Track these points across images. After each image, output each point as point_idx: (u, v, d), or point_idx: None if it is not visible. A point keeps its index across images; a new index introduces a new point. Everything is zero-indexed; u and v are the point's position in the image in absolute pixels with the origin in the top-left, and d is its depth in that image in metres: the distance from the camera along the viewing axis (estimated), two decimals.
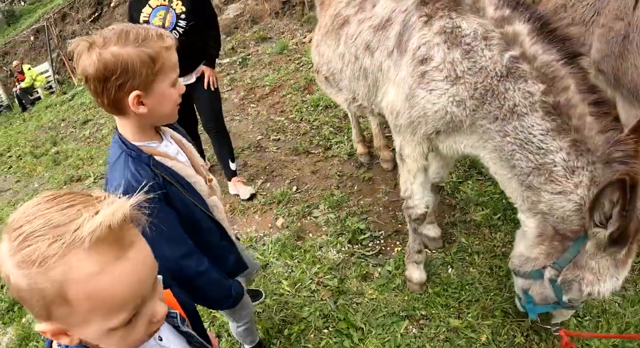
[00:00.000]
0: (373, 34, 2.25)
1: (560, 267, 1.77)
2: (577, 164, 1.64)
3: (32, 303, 0.73)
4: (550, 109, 1.65)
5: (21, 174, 7.51)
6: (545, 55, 1.67)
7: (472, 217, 3.22)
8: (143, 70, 1.31)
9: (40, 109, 12.29)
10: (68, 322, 0.76)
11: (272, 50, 7.63)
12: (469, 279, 2.73)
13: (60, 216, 0.72)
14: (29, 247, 0.69)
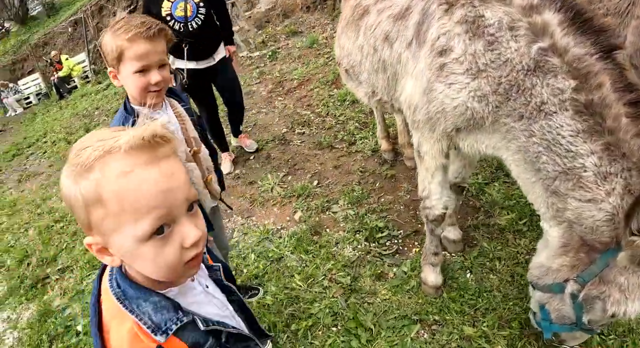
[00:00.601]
0: (392, 24, 2.14)
1: (585, 282, 1.61)
2: (610, 169, 1.48)
3: (77, 209, 0.83)
4: (581, 108, 1.50)
5: (55, 159, 7.76)
6: (577, 48, 1.51)
7: (496, 220, 3.09)
8: (109, 54, 1.71)
9: (76, 97, 12.71)
10: (104, 228, 0.83)
11: (301, 44, 7.60)
12: (487, 286, 2.61)
13: (107, 134, 0.85)
14: (79, 155, 0.81)
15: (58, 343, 3.30)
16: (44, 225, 5.25)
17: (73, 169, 0.82)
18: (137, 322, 0.90)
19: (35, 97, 16.19)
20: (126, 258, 0.88)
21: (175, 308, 0.95)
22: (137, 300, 0.92)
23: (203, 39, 3.91)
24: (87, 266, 4.08)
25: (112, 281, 0.96)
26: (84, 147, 0.82)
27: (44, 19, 22.04)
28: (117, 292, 0.93)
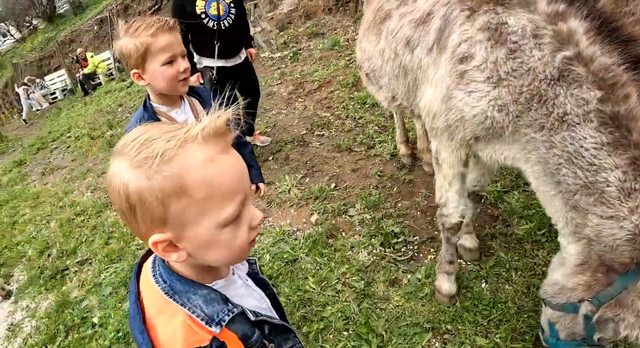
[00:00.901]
0: (414, 29, 2.11)
1: (600, 303, 1.54)
2: (635, 185, 1.41)
3: (149, 205, 0.79)
4: (607, 120, 1.43)
5: (78, 154, 7.94)
6: (604, 57, 1.45)
7: (514, 230, 3.03)
8: (132, 55, 1.76)
9: (100, 94, 12.99)
10: (183, 219, 0.82)
11: (323, 46, 7.62)
12: (502, 297, 2.56)
13: (169, 128, 0.83)
14: (148, 147, 0.78)
15: (74, 333, 3.38)
16: (65, 218, 5.37)
17: (142, 164, 0.78)
18: (190, 315, 0.90)
19: (61, 92, 16.63)
20: (200, 249, 0.87)
21: (225, 301, 0.95)
22: (186, 293, 0.92)
23: (233, 37, 4.17)
24: (105, 260, 4.16)
25: (157, 277, 0.96)
26: (149, 140, 0.80)
27: (70, 17, 22.63)
28: (164, 287, 0.93)
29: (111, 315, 3.37)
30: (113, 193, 0.82)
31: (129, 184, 0.79)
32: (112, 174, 0.82)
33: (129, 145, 0.80)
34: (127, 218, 0.84)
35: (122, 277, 3.78)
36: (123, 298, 3.54)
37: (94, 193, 5.89)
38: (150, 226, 0.83)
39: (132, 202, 0.80)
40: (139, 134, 0.82)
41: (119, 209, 0.84)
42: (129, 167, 0.79)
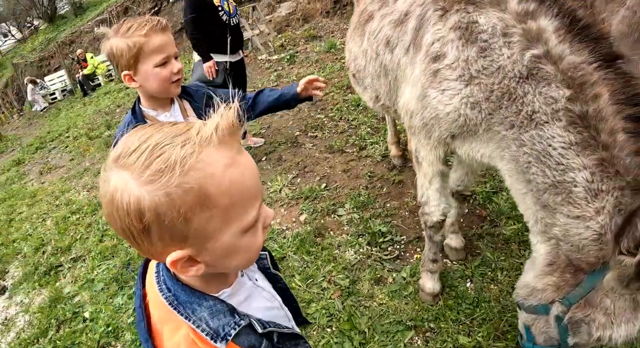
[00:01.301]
0: (393, 29, 2.14)
1: (570, 304, 1.52)
2: (601, 186, 1.40)
3: (170, 221, 0.71)
4: (575, 119, 1.42)
5: (76, 153, 7.99)
6: (573, 55, 1.44)
7: (501, 230, 3.05)
8: (124, 55, 1.69)
9: (99, 94, 13.10)
10: (207, 232, 0.75)
11: (319, 49, 7.70)
12: (486, 296, 2.58)
13: (173, 130, 0.73)
14: (160, 156, 0.69)
15: (65, 328, 3.43)
16: (61, 216, 5.42)
17: (156, 177, 0.68)
18: (195, 329, 0.84)
19: (61, 93, 16.72)
20: (221, 258, 0.81)
21: (231, 312, 0.89)
22: (191, 305, 0.86)
23: (238, 35, 4.59)
24: (98, 256, 4.21)
25: (161, 284, 0.89)
26: (158, 147, 0.70)
27: (71, 17, 22.75)
28: (168, 297, 0.86)
29: (102, 310, 3.43)
30: (117, 212, 0.71)
31: (141, 202, 0.69)
32: (114, 190, 0.71)
33: (133, 156, 0.70)
34: (136, 239, 0.74)
35: (114, 273, 3.83)
36: (114, 294, 3.59)
37: (90, 192, 5.93)
38: (168, 244, 0.75)
39: (147, 222, 0.70)
40: (141, 140, 0.72)
41: (124, 229, 0.73)
42: (139, 183, 0.69)
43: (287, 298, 1.21)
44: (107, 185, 0.72)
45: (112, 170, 0.72)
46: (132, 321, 3.21)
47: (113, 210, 0.71)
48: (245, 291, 1.00)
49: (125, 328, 3.18)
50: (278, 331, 1.00)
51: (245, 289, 1.00)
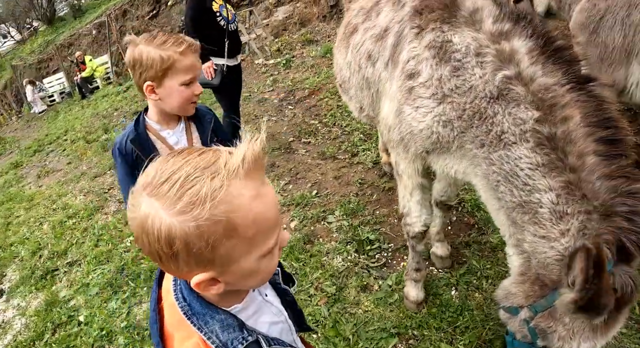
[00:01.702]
0: (374, 44, 2.18)
1: (536, 312, 1.57)
2: (566, 209, 1.41)
3: (198, 249, 0.75)
4: (543, 141, 1.44)
5: (73, 157, 8.05)
6: (545, 77, 1.47)
7: (488, 238, 3.09)
8: (154, 66, 1.67)
9: (97, 97, 13.13)
10: (231, 257, 0.80)
11: (315, 53, 7.74)
12: (471, 304, 2.62)
13: (201, 160, 0.76)
14: (191, 189, 0.73)
15: (61, 331, 3.49)
16: (58, 220, 5.48)
17: (187, 209, 0.73)
18: (205, 340, 0.88)
19: (59, 95, 16.75)
20: (240, 279, 0.86)
21: (240, 327, 0.92)
22: (204, 317, 0.90)
23: (236, 40, 4.72)
24: (94, 261, 4.26)
25: (178, 293, 0.93)
26: (189, 179, 0.74)
27: (70, 20, 22.79)
28: (184, 307, 0.91)
29: (96, 314, 3.48)
30: (147, 237, 0.76)
31: (172, 231, 0.73)
32: (145, 216, 0.75)
33: (164, 186, 0.74)
34: (163, 261, 0.79)
35: (108, 278, 3.89)
36: (108, 298, 3.65)
37: (86, 197, 5.99)
38: (194, 268, 0.80)
39: (176, 249, 0.75)
40: (172, 170, 0.75)
41: (152, 252, 0.78)
42: (170, 213, 0.73)
43: (294, 311, 1.24)
44: (137, 211, 0.77)
45: (142, 197, 0.76)
46: (125, 325, 3.27)
47: (142, 234, 0.76)
48: (255, 306, 1.04)
49: (118, 332, 3.24)
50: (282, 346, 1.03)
51: (255, 304, 1.04)
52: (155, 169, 0.78)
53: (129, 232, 4.59)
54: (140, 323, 3.26)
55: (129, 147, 1.84)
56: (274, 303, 1.12)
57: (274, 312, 1.10)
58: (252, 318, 1.00)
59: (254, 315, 1.01)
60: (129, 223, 0.81)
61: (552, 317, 1.51)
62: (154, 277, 1.03)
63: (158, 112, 1.88)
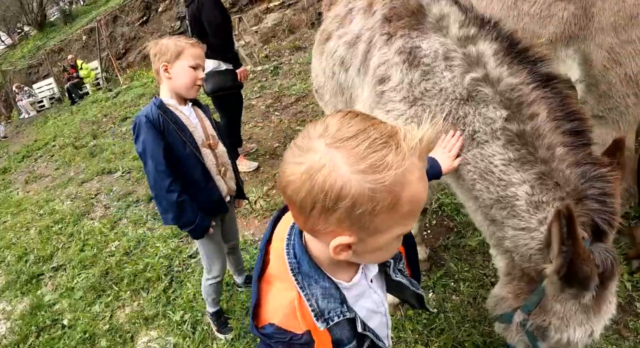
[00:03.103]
0: (347, 50, 2.22)
1: (529, 310, 1.56)
2: (542, 198, 1.47)
3: (361, 212, 0.74)
4: (513, 138, 1.50)
5: (61, 163, 8.04)
6: (511, 78, 1.52)
7: (467, 241, 3.12)
8: (169, 50, 2.13)
9: (87, 103, 13.10)
10: (378, 229, 0.79)
11: (303, 60, 7.80)
12: (447, 307, 2.64)
13: (384, 128, 0.76)
14: (377, 152, 0.72)
15: (45, 334, 3.50)
16: (44, 225, 5.48)
17: (369, 171, 0.72)
18: (304, 301, 0.88)
19: (48, 101, 16.64)
20: (369, 252, 0.85)
21: (341, 301, 0.92)
22: (309, 279, 0.89)
23: None
24: (79, 265, 4.28)
25: (290, 249, 0.93)
26: (375, 143, 0.74)
27: (60, 25, 22.71)
28: (292, 263, 0.90)
29: (80, 318, 3.50)
30: (310, 183, 0.74)
31: (345, 188, 0.72)
32: (320, 165, 0.73)
33: (351, 142, 0.73)
34: (309, 212, 0.77)
35: (92, 282, 3.91)
36: (92, 302, 3.67)
37: (73, 202, 5.99)
38: (342, 229, 0.78)
39: (341, 205, 0.74)
40: (359, 129, 0.75)
41: (304, 199, 0.76)
42: (351, 169, 0.72)
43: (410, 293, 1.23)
44: (307, 156, 0.75)
45: (319, 145, 0.75)
46: (107, 328, 3.29)
47: (306, 180, 0.74)
48: (359, 288, 1.02)
49: (101, 335, 3.25)
50: (373, 339, 1.02)
51: (360, 287, 1.02)
52: (336, 122, 0.77)
53: (113, 237, 4.62)
54: (122, 326, 3.28)
55: (155, 113, 2.15)
56: (377, 291, 1.08)
57: (376, 300, 1.08)
58: (353, 300, 0.99)
59: (355, 297, 1.00)
60: (282, 168, 0.79)
61: (544, 310, 1.52)
62: (268, 226, 1.03)
63: (169, 91, 2.24)
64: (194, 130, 2.26)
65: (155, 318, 3.25)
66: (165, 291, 3.49)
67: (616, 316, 2.31)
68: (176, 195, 2.17)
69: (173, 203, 2.18)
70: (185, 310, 3.18)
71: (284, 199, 0.83)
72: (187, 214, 2.23)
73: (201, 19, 4.20)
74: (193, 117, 2.30)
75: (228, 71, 4.37)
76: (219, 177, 2.39)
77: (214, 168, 2.35)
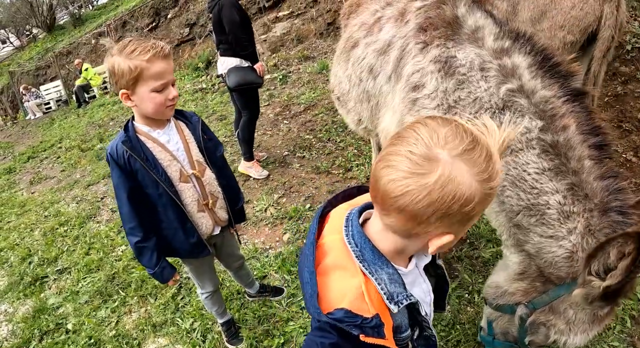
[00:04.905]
0: (376, 58, 2.24)
1: (535, 308, 1.65)
2: (573, 208, 1.52)
3: (472, 212, 0.83)
4: (548, 148, 1.55)
5: (67, 165, 8.00)
6: (545, 90, 1.58)
7: (480, 253, 3.11)
8: (124, 76, 1.77)
9: (94, 106, 13.07)
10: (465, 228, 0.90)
11: (312, 69, 7.81)
12: (463, 318, 2.63)
13: (480, 135, 0.84)
14: (492, 161, 0.82)
15: (48, 339, 3.44)
16: (49, 227, 5.44)
17: (485, 180, 0.81)
18: (374, 284, 0.93)
19: (55, 103, 16.64)
20: (446, 245, 0.90)
21: (404, 286, 0.97)
22: (374, 265, 0.94)
23: None
24: (84, 269, 4.23)
25: (350, 237, 0.97)
26: (489, 154, 0.82)
27: (70, 28, 22.86)
28: (355, 251, 0.95)
29: (85, 323, 3.44)
30: (441, 192, 0.79)
31: (472, 196, 0.80)
32: (451, 176, 0.79)
33: (472, 153, 0.81)
34: (428, 217, 0.82)
35: (98, 286, 3.85)
36: (98, 307, 3.61)
37: (79, 205, 5.96)
38: (448, 230, 0.86)
39: (462, 211, 0.81)
40: (473, 139, 0.82)
41: (428, 206, 0.81)
42: (477, 180, 0.80)
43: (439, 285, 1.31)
44: (433, 167, 0.79)
45: (445, 156, 0.80)
46: (114, 334, 3.24)
47: (434, 191, 0.79)
48: (413, 276, 1.07)
49: (107, 341, 3.20)
50: (424, 326, 1.08)
51: (413, 274, 1.07)
52: (450, 132, 0.82)
53: (120, 241, 4.57)
54: (129, 332, 3.23)
55: (120, 150, 1.91)
56: (425, 280, 1.14)
57: (424, 290, 1.13)
58: (408, 286, 1.02)
59: (409, 284, 1.04)
60: (390, 177, 0.82)
61: (554, 311, 1.59)
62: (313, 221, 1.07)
63: (142, 117, 1.95)
64: (170, 164, 1.99)
65: (163, 325, 3.20)
66: (174, 298, 3.44)
67: (630, 328, 2.40)
68: (136, 240, 2.00)
69: (132, 246, 2.05)
70: (195, 318, 3.13)
71: (384, 207, 0.87)
72: (144, 260, 2.07)
73: (222, 20, 4.38)
74: (173, 143, 2.01)
75: (250, 68, 4.53)
76: (201, 214, 2.14)
77: (194, 205, 2.10)
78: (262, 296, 3.05)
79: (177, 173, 2.01)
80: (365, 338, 0.90)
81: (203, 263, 2.40)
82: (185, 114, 2.14)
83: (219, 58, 4.68)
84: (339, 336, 0.91)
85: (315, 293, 0.94)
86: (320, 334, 0.93)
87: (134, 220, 1.98)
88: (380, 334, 0.91)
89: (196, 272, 2.44)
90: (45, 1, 24.51)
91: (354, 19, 2.78)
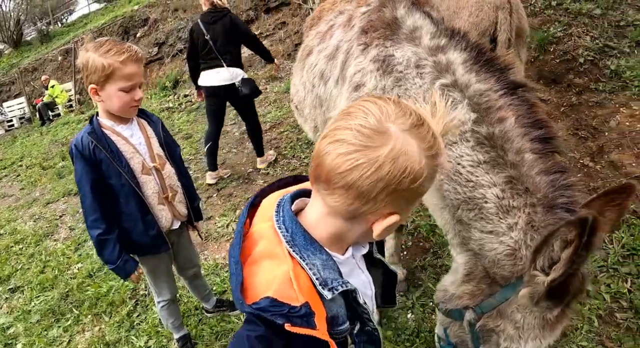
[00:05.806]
0: (326, 63, 2.29)
1: (482, 312, 1.52)
2: (512, 203, 1.45)
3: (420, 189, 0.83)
4: (483, 140, 1.52)
5: (27, 183, 7.80)
6: (479, 84, 1.57)
7: (444, 261, 3.11)
8: (97, 72, 1.86)
9: (58, 125, 12.73)
10: (411, 206, 0.89)
11: (279, 89, 7.88)
12: (427, 326, 2.61)
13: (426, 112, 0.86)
14: (436, 139, 0.82)
15: None
16: (4, 245, 5.26)
17: (433, 156, 0.81)
18: (307, 271, 0.88)
19: (18, 120, 16.13)
20: (394, 226, 0.88)
21: (339, 273, 0.92)
22: (306, 251, 0.89)
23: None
24: (38, 287, 4.08)
25: (280, 223, 0.92)
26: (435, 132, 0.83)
27: (36, 45, 22.38)
28: (286, 236, 0.90)
29: (35, 343, 3.31)
30: (394, 167, 0.78)
31: (423, 172, 0.80)
32: (402, 150, 0.78)
33: (421, 128, 0.81)
34: (377, 193, 0.80)
35: (51, 305, 3.72)
36: (50, 326, 3.49)
37: (37, 223, 5.77)
38: (397, 208, 0.85)
39: (411, 187, 0.80)
40: (419, 116, 0.82)
41: (379, 179, 0.79)
42: (425, 156, 0.80)
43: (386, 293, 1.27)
44: (384, 140, 0.78)
45: (396, 130, 0.79)
46: None
47: (385, 164, 0.77)
48: (349, 265, 1.02)
49: None
50: (365, 319, 1.02)
51: (350, 263, 1.02)
52: (394, 107, 0.82)
53: (76, 259, 4.43)
54: None
55: (85, 141, 1.98)
56: (364, 271, 1.09)
57: (363, 281, 1.08)
58: (345, 276, 0.97)
59: (346, 273, 0.98)
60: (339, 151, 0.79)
61: (501, 315, 1.48)
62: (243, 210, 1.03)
63: (106, 112, 2.04)
64: (132, 156, 2.07)
65: (117, 344, 3.08)
66: (129, 315, 3.32)
67: (598, 328, 2.40)
68: (98, 232, 2.02)
69: (94, 239, 2.05)
70: (150, 336, 3.03)
71: (329, 185, 0.83)
72: (106, 253, 2.07)
73: (233, 30, 4.59)
74: (136, 137, 2.11)
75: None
76: (161, 207, 2.20)
77: (154, 197, 2.16)
78: (220, 311, 2.99)
79: (139, 165, 2.09)
80: (292, 328, 0.82)
81: (160, 263, 2.37)
82: (147, 113, 2.26)
83: (225, 68, 4.65)
84: (266, 327, 0.84)
85: (239, 284, 0.87)
86: (247, 327, 0.87)
87: (96, 212, 2.01)
88: (310, 324, 0.84)
89: (153, 275, 2.39)
90: (12, 16, 24.05)
91: (313, 29, 2.83)
